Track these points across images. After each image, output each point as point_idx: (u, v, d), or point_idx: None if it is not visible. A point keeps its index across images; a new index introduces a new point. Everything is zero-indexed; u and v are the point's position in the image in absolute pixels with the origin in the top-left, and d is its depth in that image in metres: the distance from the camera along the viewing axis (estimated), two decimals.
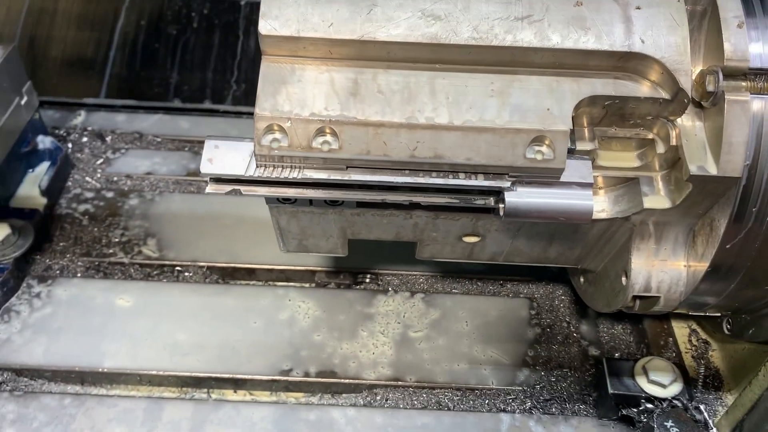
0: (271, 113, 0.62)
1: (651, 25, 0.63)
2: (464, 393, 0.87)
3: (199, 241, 1.01)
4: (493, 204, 0.66)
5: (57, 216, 1.03)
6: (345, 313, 0.94)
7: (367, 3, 0.64)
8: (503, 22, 0.64)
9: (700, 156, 0.65)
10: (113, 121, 1.18)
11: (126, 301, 0.94)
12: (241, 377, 0.88)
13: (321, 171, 0.64)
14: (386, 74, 0.64)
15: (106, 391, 0.88)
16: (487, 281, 0.99)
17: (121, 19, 1.34)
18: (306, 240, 0.77)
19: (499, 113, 0.63)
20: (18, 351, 0.88)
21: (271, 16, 0.63)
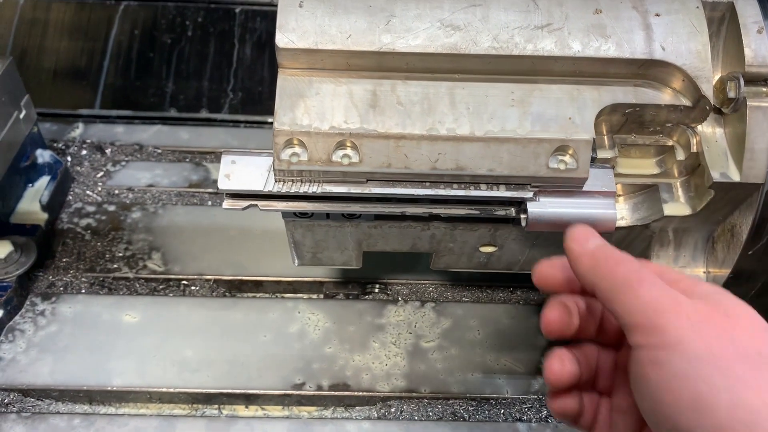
0: (290, 127, 0.61)
1: (671, 32, 0.63)
2: (479, 403, 0.87)
3: (205, 253, 1.00)
4: (514, 214, 0.66)
5: (59, 231, 1.01)
6: (355, 325, 0.93)
7: (385, 14, 0.63)
8: (523, 31, 0.63)
9: (722, 163, 0.65)
10: (112, 132, 1.16)
11: (132, 317, 0.92)
12: (253, 392, 0.86)
13: (341, 185, 0.63)
14: (405, 85, 0.63)
15: (115, 409, 0.86)
16: (497, 288, 0.99)
17: (114, 28, 1.33)
18: (320, 253, 0.76)
19: (520, 123, 0.62)
20: (24, 371, 0.86)
21: (288, 29, 0.62)
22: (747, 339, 0.47)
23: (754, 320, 0.49)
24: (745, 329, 0.48)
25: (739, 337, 0.47)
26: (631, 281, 0.51)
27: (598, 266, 0.53)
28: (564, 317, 0.57)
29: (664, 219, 0.69)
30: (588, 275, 0.54)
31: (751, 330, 0.48)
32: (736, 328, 0.48)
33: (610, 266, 0.53)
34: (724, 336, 0.47)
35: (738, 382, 0.46)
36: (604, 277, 0.53)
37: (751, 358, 0.47)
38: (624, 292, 0.51)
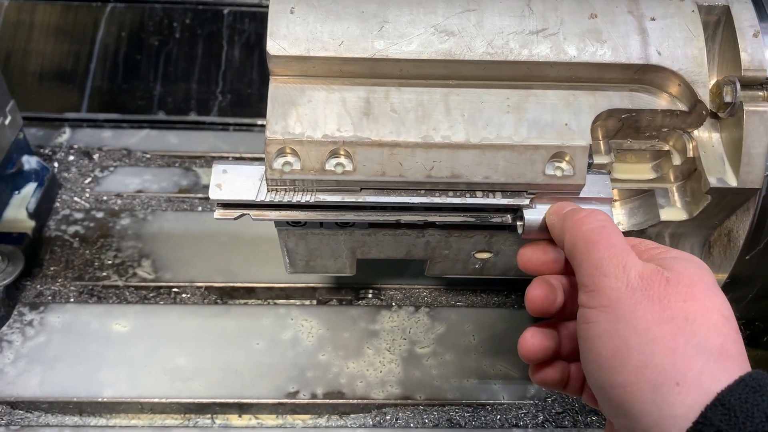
0: (282, 136, 0.60)
1: (667, 37, 0.63)
2: (475, 409, 0.86)
3: (196, 260, 0.99)
4: (510, 221, 0.65)
5: (46, 239, 1.00)
6: (349, 331, 0.92)
7: (378, 19, 0.62)
8: (518, 36, 0.62)
9: (719, 168, 0.64)
10: (100, 137, 1.14)
11: (123, 326, 0.91)
12: (246, 401, 0.85)
13: (334, 194, 0.62)
14: (399, 92, 0.62)
15: (106, 421, 0.85)
16: (492, 293, 0.98)
17: (100, 30, 1.31)
18: (314, 261, 0.75)
19: (516, 129, 0.61)
20: (12, 383, 0.84)
21: (279, 36, 0.61)
22: (679, 304, 0.49)
23: (699, 287, 0.50)
24: (681, 294, 0.49)
25: (671, 301, 0.49)
26: (588, 242, 0.54)
27: (566, 225, 0.57)
28: (547, 294, 0.60)
29: (661, 224, 0.68)
30: (558, 233, 0.59)
31: (688, 296, 0.49)
32: (673, 293, 0.49)
33: (576, 225, 0.56)
34: (655, 300, 0.49)
35: (651, 343, 0.48)
36: (569, 235, 0.56)
37: (675, 322, 0.48)
38: (580, 251, 0.54)
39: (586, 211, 0.58)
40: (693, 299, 0.49)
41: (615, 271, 0.51)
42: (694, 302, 0.49)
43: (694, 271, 0.51)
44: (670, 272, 0.51)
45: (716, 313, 0.49)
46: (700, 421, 0.44)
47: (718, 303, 0.50)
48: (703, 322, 0.48)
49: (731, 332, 0.48)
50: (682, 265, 0.52)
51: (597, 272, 0.52)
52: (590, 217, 0.56)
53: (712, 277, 0.52)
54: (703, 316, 0.48)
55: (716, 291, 0.51)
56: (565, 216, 0.59)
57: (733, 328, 0.49)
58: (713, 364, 0.46)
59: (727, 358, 0.47)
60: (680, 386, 0.46)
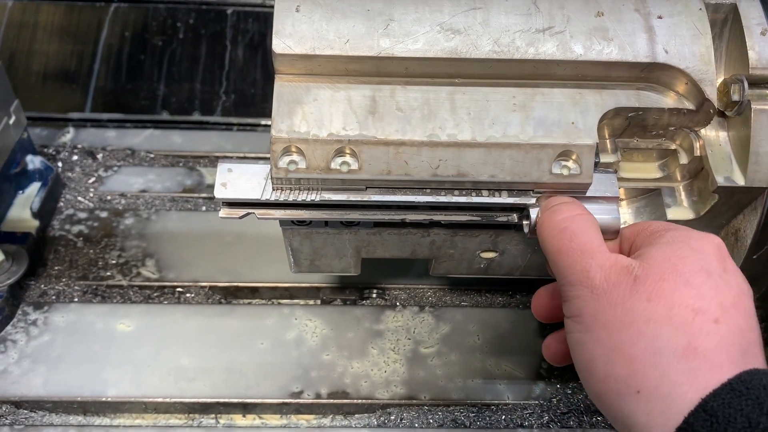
0: (287, 135, 0.60)
1: (674, 35, 0.62)
2: (480, 409, 0.86)
3: (200, 260, 0.98)
4: (516, 220, 0.65)
5: (50, 239, 1.00)
6: (353, 331, 0.92)
7: (384, 18, 0.62)
8: (524, 34, 0.62)
9: (726, 166, 0.64)
10: (103, 137, 1.14)
11: (127, 326, 0.90)
12: (250, 401, 0.85)
13: (340, 192, 0.62)
14: (404, 90, 0.62)
15: (110, 420, 0.85)
16: (496, 293, 0.98)
17: (104, 30, 1.31)
18: (318, 260, 0.75)
19: (522, 128, 0.61)
20: (16, 382, 0.84)
21: (284, 34, 0.61)
22: (643, 304, 0.47)
23: (668, 281, 0.48)
24: (646, 293, 0.48)
25: (635, 303, 0.48)
26: (552, 249, 0.55)
27: (539, 230, 0.59)
28: (548, 302, 0.64)
29: None
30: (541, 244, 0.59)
31: (653, 294, 0.47)
32: (638, 293, 0.48)
33: (541, 229, 0.58)
34: (618, 304, 0.48)
35: (612, 353, 0.48)
36: (540, 240, 0.58)
37: (635, 326, 0.47)
38: (549, 259, 0.55)
39: (551, 210, 0.57)
40: (658, 297, 0.47)
41: (578, 278, 0.51)
42: (659, 301, 0.47)
43: (673, 261, 0.49)
44: (644, 266, 0.49)
45: (684, 309, 0.46)
46: (682, 427, 0.43)
47: (688, 296, 0.47)
48: (665, 321, 0.46)
49: (704, 326, 0.46)
50: (663, 253, 0.50)
51: (564, 281, 0.52)
52: (551, 219, 0.56)
53: (697, 263, 0.48)
54: (666, 315, 0.46)
55: (692, 281, 0.47)
56: (537, 220, 0.60)
57: (709, 319, 0.46)
58: (676, 366, 0.44)
59: (694, 357, 0.44)
60: (641, 394, 0.45)
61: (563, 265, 0.52)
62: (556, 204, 0.59)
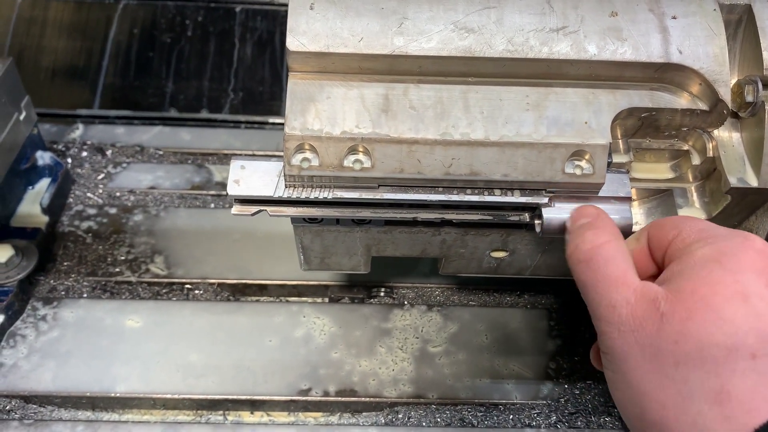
0: (301, 132, 0.60)
1: (688, 35, 0.62)
2: (488, 409, 0.86)
3: (208, 257, 0.99)
4: (528, 220, 0.65)
5: (59, 234, 1.00)
6: (362, 329, 0.92)
7: (398, 16, 0.62)
8: (538, 33, 0.62)
9: (739, 168, 0.64)
10: (113, 134, 1.14)
11: (135, 322, 0.91)
12: (258, 398, 0.85)
13: (352, 190, 0.62)
14: (417, 89, 0.62)
15: (118, 416, 0.85)
16: (504, 293, 0.98)
17: (113, 27, 1.31)
18: (328, 258, 0.75)
19: (536, 127, 0.61)
20: (26, 377, 0.84)
21: (298, 32, 0.61)
22: (670, 346, 0.45)
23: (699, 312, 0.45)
24: (673, 333, 0.45)
25: (662, 345, 0.46)
26: (580, 282, 0.54)
27: (570, 265, 0.57)
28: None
29: None
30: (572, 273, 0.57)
31: (681, 334, 0.45)
32: (665, 333, 0.46)
33: (570, 259, 0.56)
34: (646, 345, 0.47)
35: (642, 398, 0.47)
36: (574, 276, 0.56)
37: (664, 371, 0.45)
38: (581, 290, 0.54)
39: (577, 236, 0.56)
40: (686, 338, 0.44)
41: (605, 313, 0.49)
42: (686, 342, 0.44)
43: (705, 290, 0.45)
44: (671, 300, 0.46)
45: (715, 349, 0.43)
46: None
47: (720, 334, 0.43)
48: (696, 365, 0.44)
49: (739, 365, 0.43)
50: (693, 282, 0.46)
51: (593, 314, 0.51)
52: (578, 249, 0.54)
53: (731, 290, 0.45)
54: (697, 357, 0.44)
55: (724, 314, 0.44)
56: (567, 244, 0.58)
57: (745, 356, 0.43)
58: (708, 413, 0.43)
59: (728, 402, 0.42)
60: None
61: (590, 298, 0.51)
62: (584, 224, 0.57)
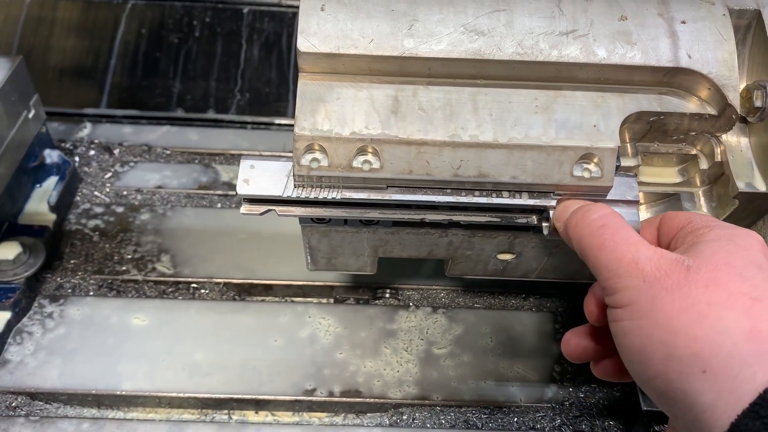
0: (311, 132, 0.60)
1: (697, 40, 0.62)
2: (492, 411, 0.86)
3: (214, 256, 0.99)
4: (536, 222, 0.65)
5: (66, 232, 1.00)
6: (367, 330, 0.92)
7: (408, 18, 0.62)
8: (548, 37, 0.62)
9: (747, 172, 0.64)
10: (120, 133, 1.15)
11: (141, 320, 0.91)
12: (263, 398, 0.85)
13: (361, 191, 0.62)
14: (427, 91, 0.62)
15: (123, 414, 0.85)
16: (509, 295, 0.98)
17: (121, 27, 1.32)
18: (335, 258, 0.75)
19: (545, 130, 0.61)
20: (32, 374, 0.85)
21: (309, 33, 0.61)
22: (701, 290, 0.48)
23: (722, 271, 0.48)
24: (702, 281, 0.48)
25: (692, 289, 0.48)
26: (594, 247, 0.54)
27: (569, 232, 0.58)
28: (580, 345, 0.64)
29: None
30: (566, 239, 0.60)
31: (710, 281, 0.48)
32: (693, 280, 0.48)
33: (577, 230, 0.57)
34: (675, 289, 0.48)
35: (673, 334, 0.47)
36: (575, 242, 0.57)
37: (696, 308, 0.47)
38: (590, 257, 0.55)
39: (582, 210, 0.58)
40: (715, 284, 0.48)
41: (627, 269, 0.51)
42: (716, 288, 0.48)
43: (723, 255, 0.49)
44: (694, 258, 0.50)
45: (742, 297, 0.47)
46: (757, 403, 0.43)
47: (745, 286, 0.47)
48: (727, 306, 0.47)
49: (764, 313, 0.46)
50: (711, 249, 0.50)
51: (611, 275, 0.52)
52: (587, 219, 0.56)
53: (746, 258, 0.49)
54: (727, 300, 0.47)
55: (745, 273, 0.48)
56: (566, 222, 0.59)
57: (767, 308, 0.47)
58: (743, 347, 0.45)
59: (761, 340, 0.45)
60: (707, 374, 0.45)
61: (608, 259, 0.52)
62: (583, 205, 0.59)
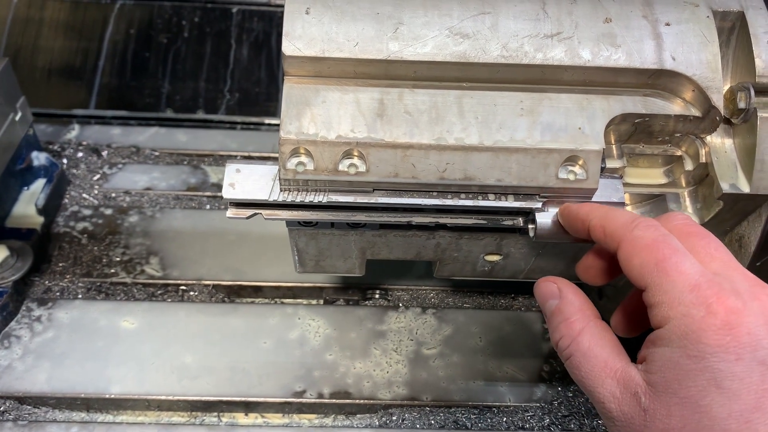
0: (296, 136, 0.60)
1: (681, 42, 0.62)
2: (482, 411, 0.86)
3: (204, 258, 0.99)
4: (522, 224, 0.65)
5: (54, 235, 1.00)
6: (356, 331, 0.92)
7: (393, 21, 0.62)
8: (533, 39, 0.62)
9: (731, 174, 0.64)
10: (108, 134, 1.15)
11: (130, 323, 0.91)
12: (253, 400, 0.85)
13: (347, 194, 0.62)
14: (412, 94, 0.62)
15: (113, 417, 0.85)
16: (499, 295, 0.98)
17: (109, 27, 1.31)
18: (323, 261, 0.75)
19: (530, 133, 0.61)
20: (20, 378, 0.85)
21: (294, 36, 0.61)
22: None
23: (676, 416, 0.45)
24: (657, 426, 0.46)
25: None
26: (573, 379, 0.53)
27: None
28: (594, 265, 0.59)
29: None
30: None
31: (666, 426, 0.45)
32: (648, 427, 0.46)
33: (563, 360, 0.54)
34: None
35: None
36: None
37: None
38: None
39: (554, 332, 0.55)
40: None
41: (598, 408, 0.50)
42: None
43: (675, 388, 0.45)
44: (649, 394, 0.46)
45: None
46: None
47: (700, 424, 0.44)
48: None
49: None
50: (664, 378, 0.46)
51: (590, 398, 0.51)
52: (559, 346, 0.54)
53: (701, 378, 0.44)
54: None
55: (701, 397, 0.44)
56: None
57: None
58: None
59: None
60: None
61: (583, 390, 0.52)
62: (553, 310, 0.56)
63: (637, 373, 0.48)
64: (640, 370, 0.48)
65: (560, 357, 0.55)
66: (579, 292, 0.57)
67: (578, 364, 0.51)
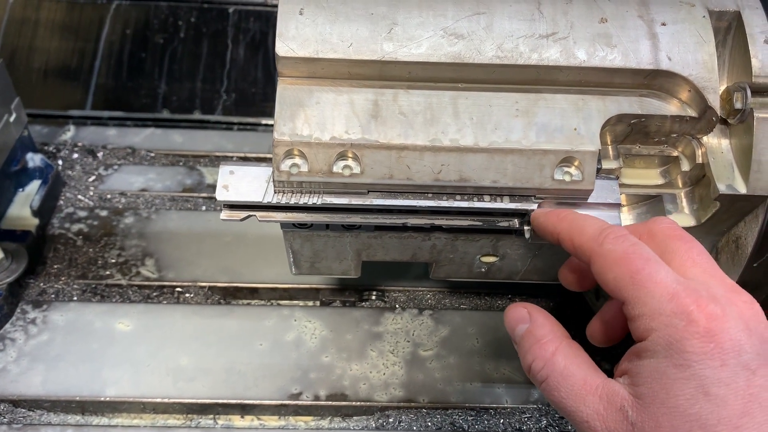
0: (290, 138, 0.60)
1: (677, 42, 0.62)
2: (479, 413, 0.86)
3: (199, 260, 0.98)
4: (517, 226, 0.65)
5: (50, 237, 0.99)
6: (353, 333, 0.92)
7: (388, 22, 0.62)
8: (528, 40, 0.62)
9: (728, 174, 0.64)
10: (104, 135, 1.14)
11: (126, 326, 0.90)
12: (249, 402, 0.85)
13: (342, 196, 0.62)
14: (407, 95, 0.62)
15: (108, 420, 0.85)
16: (495, 296, 0.98)
17: (105, 28, 1.31)
18: (319, 263, 0.75)
19: (525, 134, 0.61)
20: (15, 381, 0.84)
21: (288, 37, 0.61)
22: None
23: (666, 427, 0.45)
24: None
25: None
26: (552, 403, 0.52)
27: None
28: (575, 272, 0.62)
29: None
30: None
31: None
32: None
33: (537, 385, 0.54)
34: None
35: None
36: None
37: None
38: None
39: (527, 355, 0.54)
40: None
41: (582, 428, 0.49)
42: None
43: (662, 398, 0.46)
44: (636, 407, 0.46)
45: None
46: None
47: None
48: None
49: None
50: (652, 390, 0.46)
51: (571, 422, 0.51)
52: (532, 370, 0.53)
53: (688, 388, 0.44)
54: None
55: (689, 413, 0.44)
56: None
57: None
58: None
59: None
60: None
61: (563, 414, 0.51)
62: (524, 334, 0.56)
63: (620, 387, 0.48)
64: (624, 384, 0.48)
65: (534, 381, 0.54)
66: (549, 316, 0.57)
67: (556, 384, 0.51)
